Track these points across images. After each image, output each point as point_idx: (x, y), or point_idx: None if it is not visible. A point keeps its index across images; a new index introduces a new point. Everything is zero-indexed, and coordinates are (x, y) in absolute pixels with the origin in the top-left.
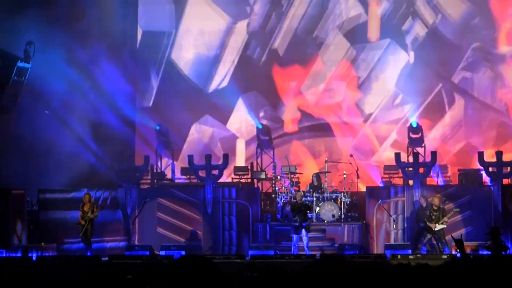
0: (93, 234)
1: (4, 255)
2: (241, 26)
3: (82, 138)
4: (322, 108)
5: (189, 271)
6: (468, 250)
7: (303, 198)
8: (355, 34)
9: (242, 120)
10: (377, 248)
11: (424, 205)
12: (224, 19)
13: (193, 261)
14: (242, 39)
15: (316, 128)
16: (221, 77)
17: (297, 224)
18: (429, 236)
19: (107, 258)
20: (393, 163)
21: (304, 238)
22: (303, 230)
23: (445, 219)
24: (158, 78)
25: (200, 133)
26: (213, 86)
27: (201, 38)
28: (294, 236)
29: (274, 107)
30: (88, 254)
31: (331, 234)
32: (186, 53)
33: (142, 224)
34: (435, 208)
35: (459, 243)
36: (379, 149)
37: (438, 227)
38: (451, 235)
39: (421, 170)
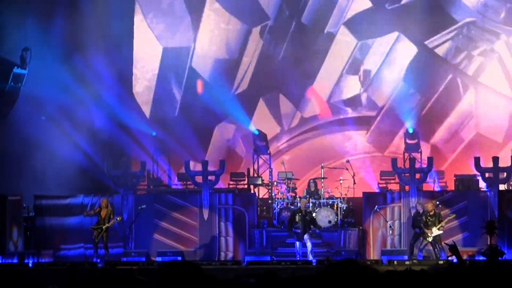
0: (108, 241)
1: (0, 261)
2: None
3: (78, 144)
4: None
5: (173, 278)
6: (464, 256)
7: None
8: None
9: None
10: (374, 254)
11: (421, 211)
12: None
13: (178, 268)
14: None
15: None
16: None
17: (299, 231)
18: (425, 242)
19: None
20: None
21: (308, 244)
22: (306, 236)
23: (442, 224)
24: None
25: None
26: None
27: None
28: (297, 243)
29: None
30: (96, 260)
31: (327, 240)
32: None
33: (139, 230)
34: (431, 213)
35: (453, 249)
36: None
37: (435, 233)
38: (444, 243)
39: (418, 175)
